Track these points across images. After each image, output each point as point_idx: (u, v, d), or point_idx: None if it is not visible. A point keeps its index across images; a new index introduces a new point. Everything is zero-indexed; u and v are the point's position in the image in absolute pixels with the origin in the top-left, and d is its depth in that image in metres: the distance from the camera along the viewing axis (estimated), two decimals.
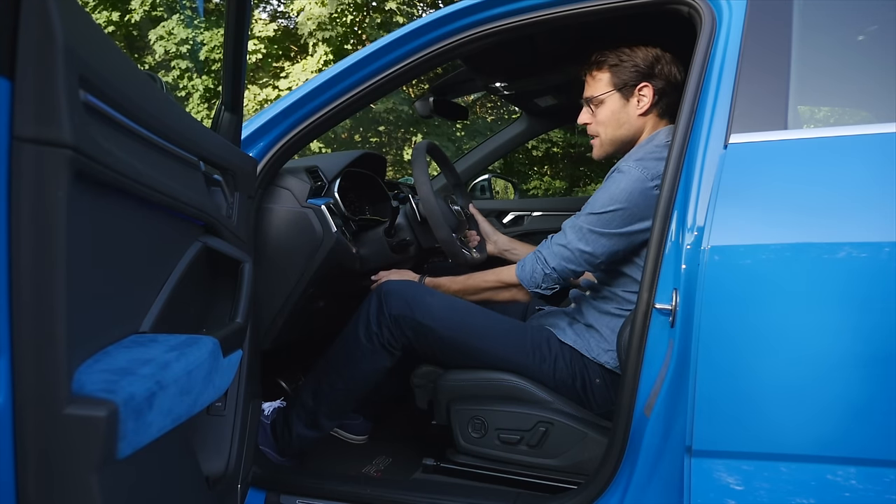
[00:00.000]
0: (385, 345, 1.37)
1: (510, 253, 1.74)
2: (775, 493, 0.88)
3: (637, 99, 1.36)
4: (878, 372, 0.85)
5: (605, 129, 1.40)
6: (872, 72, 1.08)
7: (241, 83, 1.07)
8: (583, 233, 1.29)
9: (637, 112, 1.36)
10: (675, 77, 1.35)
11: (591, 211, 1.29)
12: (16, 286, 0.49)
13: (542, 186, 9.36)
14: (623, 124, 1.38)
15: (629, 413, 1.06)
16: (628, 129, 1.38)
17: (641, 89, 1.35)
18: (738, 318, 0.91)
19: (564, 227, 1.34)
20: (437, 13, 1.29)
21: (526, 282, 1.36)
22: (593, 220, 1.29)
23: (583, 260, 1.30)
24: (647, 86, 1.34)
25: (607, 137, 1.40)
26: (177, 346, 0.68)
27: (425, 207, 1.46)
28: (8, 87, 0.48)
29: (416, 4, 9.94)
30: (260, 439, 1.44)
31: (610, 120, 1.38)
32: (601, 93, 1.37)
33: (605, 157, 1.45)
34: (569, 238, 1.31)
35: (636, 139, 1.39)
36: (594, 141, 1.44)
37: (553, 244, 1.34)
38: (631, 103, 1.36)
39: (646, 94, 1.35)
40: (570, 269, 1.32)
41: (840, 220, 0.89)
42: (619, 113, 1.37)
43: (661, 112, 1.37)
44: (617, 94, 1.36)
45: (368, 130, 10.27)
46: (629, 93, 1.36)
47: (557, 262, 1.32)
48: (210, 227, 0.91)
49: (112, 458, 0.53)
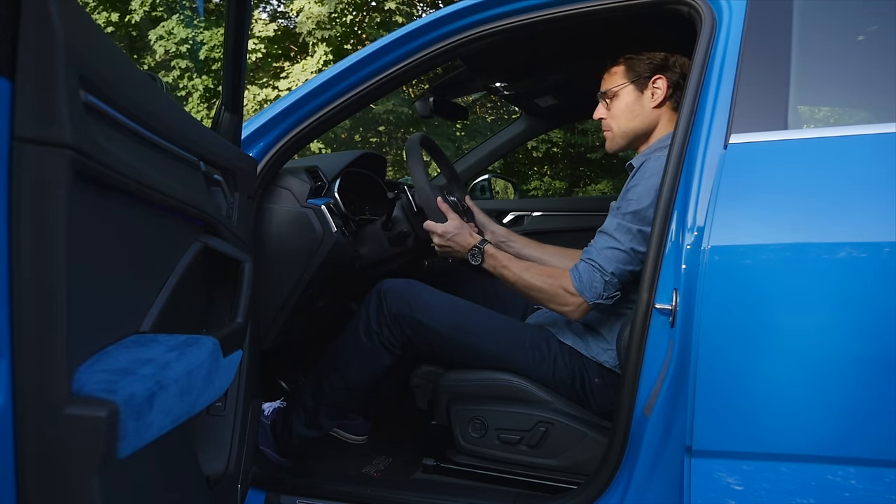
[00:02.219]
0: (385, 343, 1.37)
1: (507, 245, 1.66)
2: (775, 494, 0.88)
3: (651, 91, 1.36)
4: (878, 372, 0.85)
5: (617, 121, 1.39)
6: (872, 72, 1.08)
7: (242, 83, 1.07)
8: (633, 233, 1.23)
9: (651, 104, 1.36)
10: (689, 70, 1.34)
11: (636, 209, 1.23)
12: (16, 286, 0.49)
13: (542, 186, 9.36)
14: (637, 116, 1.37)
15: (629, 413, 1.06)
16: (641, 122, 1.37)
17: (656, 81, 1.35)
18: (738, 318, 0.91)
19: (609, 230, 1.26)
20: (436, 13, 1.29)
21: (587, 292, 1.24)
22: (641, 219, 1.23)
23: (638, 260, 1.23)
24: (662, 78, 1.35)
25: (620, 129, 1.39)
26: (177, 346, 0.68)
27: (420, 198, 1.46)
28: (8, 87, 0.48)
29: (415, 4, 9.95)
30: (260, 439, 1.43)
31: (624, 112, 1.38)
32: (616, 85, 1.37)
33: (617, 150, 1.43)
34: (621, 240, 1.24)
35: (649, 132, 1.38)
36: (607, 134, 1.43)
37: (604, 249, 1.25)
38: (645, 95, 1.36)
39: (660, 87, 1.35)
40: (629, 270, 1.24)
41: (840, 220, 0.89)
42: (634, 105, 1.37)
43: (676, 105, 1.35)
44: (631, 86, 1.36)
45: (368, 130, 10.26)
46: (643, 85, 1.36)
47: (615, 266, 1.23)
48: (210, 226, 0.91)
49: (112, 458, 0.53)
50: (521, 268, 1.34)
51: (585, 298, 1.25)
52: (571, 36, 1.55)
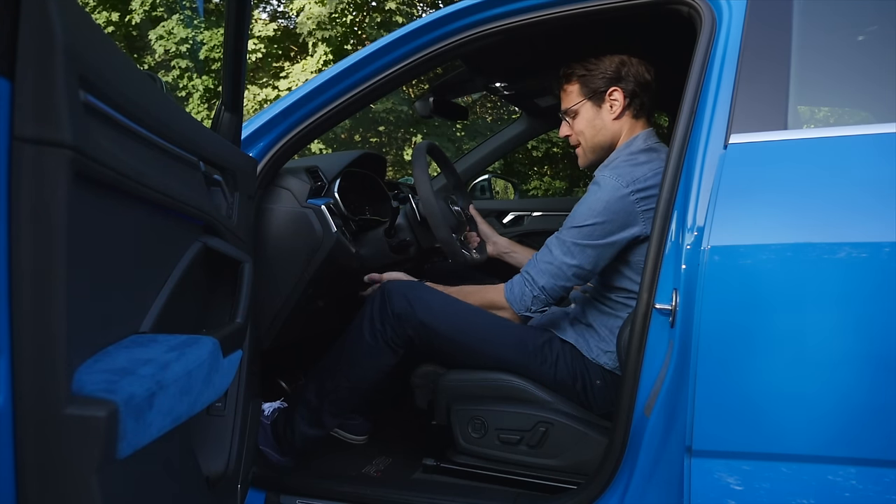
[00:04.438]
0: (388, 342, 1.37)
1: (509, 256, 1.74)
2: (775, 494, 0.88)
3: (609, 104, 1.38)
4: (878, 372, 0.85)
5: (584, 137, 1.43)
6: (872, 72, 1.08)
7: (242, 83, 1.07)
8: (566, 246, 1.29)
9: (611, 116, 1.39)
10: (643, 77, 1.37)
11: (573, 224, 1.29)
12: (16, 286, 0.49)
13: (542, 187, 9.36)
14: (600, 130, 1.40)
15: (629, 413, 1.06)
16: (605, 135, 1.40)
17: (612, 94, 1.37)
18: (738, 318, 0.91)
19: (549, 243, 1.33)
20: (436, 13, 1.29)
21: (516, 305, 1.35)
22: (575, 234, 1.29)
23: (571, 274, 1.29)
24: (617, 89, 1.37)
25: (588, 145, 1.43)
26: (177, 346, 0.68)
27: (425, 208, 1.46)
28: (8, 87, 0.48)
29: (415, 4, 9.95)
30: (260, 440, 1.43)
31: (587, 128, 1.41)
32: (574, 104, 1.41)
33: (589, 165, 1.46)
34: (554, 254, 1.31)
35: (615, 143, 1.41)
36: (578, 150, 1.47)
37: (539, 262, 1.33)
38: (604, 109, 1.39)
39: (617, 98, 1.37)
40: (560, 285, 1.31)
41: (840, 220, 0.89)
42: (595, 120, 1.40)
43: (636, 113, 1.39)
44: (588, 102, 1.39)
45: (368, 130, 10.27)
46: (600, 99, 1.38)
47: (546, 279, 1.31)
48: (210, 226, 0.91)
49: (112, 459, 0.53)
50: (455, 290, 1.43)
51: (515, 310, 1.35)
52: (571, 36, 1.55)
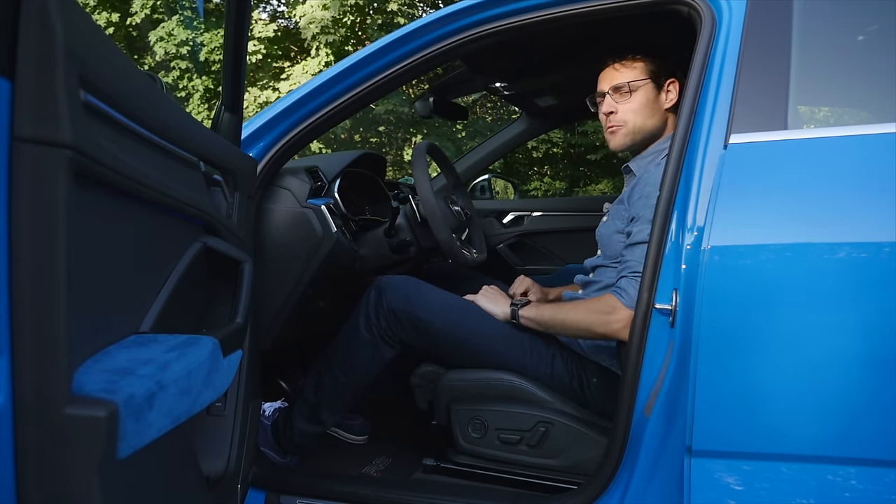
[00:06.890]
0: (384, 336, 1.37)
1: None
2: (775, 494, 0.88)
3: (665, 93, 1.36)
4: (878, 372, 0.85)
5: (635, 116, 1.34)
6: (872, 72, 1.08)
7: (242, 83, 1.07)
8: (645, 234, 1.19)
9: (665, 106, 1.36)
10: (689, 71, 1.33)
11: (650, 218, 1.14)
12: (16, 286, 0.49)
13: (542, 187, 9.36)
14: (653, 114, 1.35)
15: (629, 413, 1.06)
16: (655, 122, 1.36)
17: (670, 84, 1.35)
18: (738, 319, 0.91)
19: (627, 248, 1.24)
20: (437, 13, 1.29)
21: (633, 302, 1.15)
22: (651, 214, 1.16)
23: None
24: (675, 82, 1.35)
25: (636, 126, 1.35)
26: (177, 346, 0.68)
27: (425, 208, 1.46)
28: (8, 87, 0.48)
29: (416, 5, 9.94)
30: (260, 440, 1.44)
31: (642, 108, 1.34)
32: (636, 79, 1.35)
33: (623, 148, 1.38)
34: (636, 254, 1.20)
35: (658, 136, 1.37)
36: (617, 129, 1.36)
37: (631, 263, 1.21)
38: (661, 96, 1.36)
39: (672, 91, 1.35)
40: None
41: (840, 221, 0.89)
42: (653, 103, 1.35)
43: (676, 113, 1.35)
44: (651, 83, 1.35)
45: (368, 131, 10.26)
46: (660, 85, 1.36)
47: None
48: (210, 227, 0.91)
49: (112, 459, 0.53)
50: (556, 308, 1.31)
51: (631, 308, 1.16)
52: (571, 36, 1.55)
